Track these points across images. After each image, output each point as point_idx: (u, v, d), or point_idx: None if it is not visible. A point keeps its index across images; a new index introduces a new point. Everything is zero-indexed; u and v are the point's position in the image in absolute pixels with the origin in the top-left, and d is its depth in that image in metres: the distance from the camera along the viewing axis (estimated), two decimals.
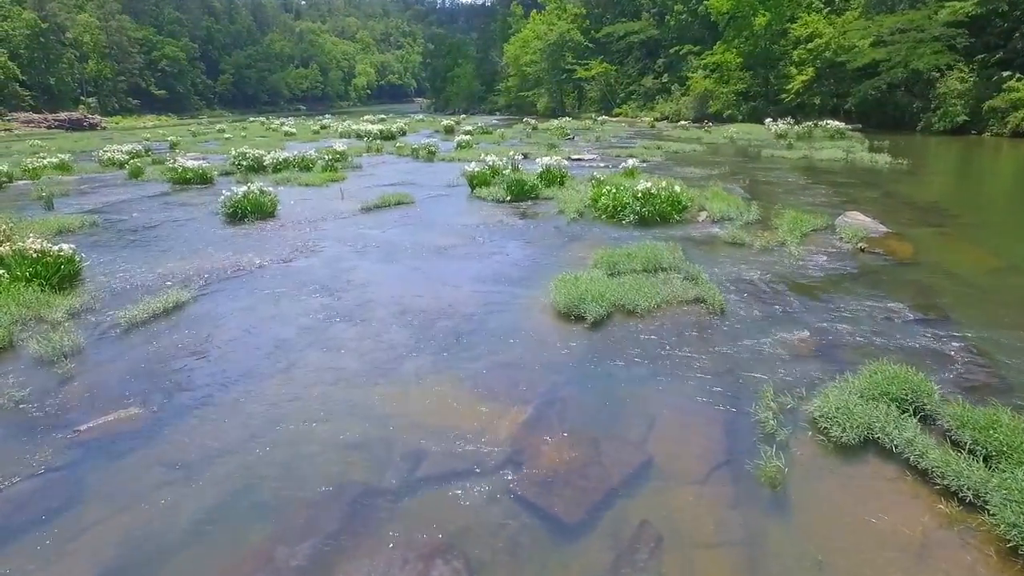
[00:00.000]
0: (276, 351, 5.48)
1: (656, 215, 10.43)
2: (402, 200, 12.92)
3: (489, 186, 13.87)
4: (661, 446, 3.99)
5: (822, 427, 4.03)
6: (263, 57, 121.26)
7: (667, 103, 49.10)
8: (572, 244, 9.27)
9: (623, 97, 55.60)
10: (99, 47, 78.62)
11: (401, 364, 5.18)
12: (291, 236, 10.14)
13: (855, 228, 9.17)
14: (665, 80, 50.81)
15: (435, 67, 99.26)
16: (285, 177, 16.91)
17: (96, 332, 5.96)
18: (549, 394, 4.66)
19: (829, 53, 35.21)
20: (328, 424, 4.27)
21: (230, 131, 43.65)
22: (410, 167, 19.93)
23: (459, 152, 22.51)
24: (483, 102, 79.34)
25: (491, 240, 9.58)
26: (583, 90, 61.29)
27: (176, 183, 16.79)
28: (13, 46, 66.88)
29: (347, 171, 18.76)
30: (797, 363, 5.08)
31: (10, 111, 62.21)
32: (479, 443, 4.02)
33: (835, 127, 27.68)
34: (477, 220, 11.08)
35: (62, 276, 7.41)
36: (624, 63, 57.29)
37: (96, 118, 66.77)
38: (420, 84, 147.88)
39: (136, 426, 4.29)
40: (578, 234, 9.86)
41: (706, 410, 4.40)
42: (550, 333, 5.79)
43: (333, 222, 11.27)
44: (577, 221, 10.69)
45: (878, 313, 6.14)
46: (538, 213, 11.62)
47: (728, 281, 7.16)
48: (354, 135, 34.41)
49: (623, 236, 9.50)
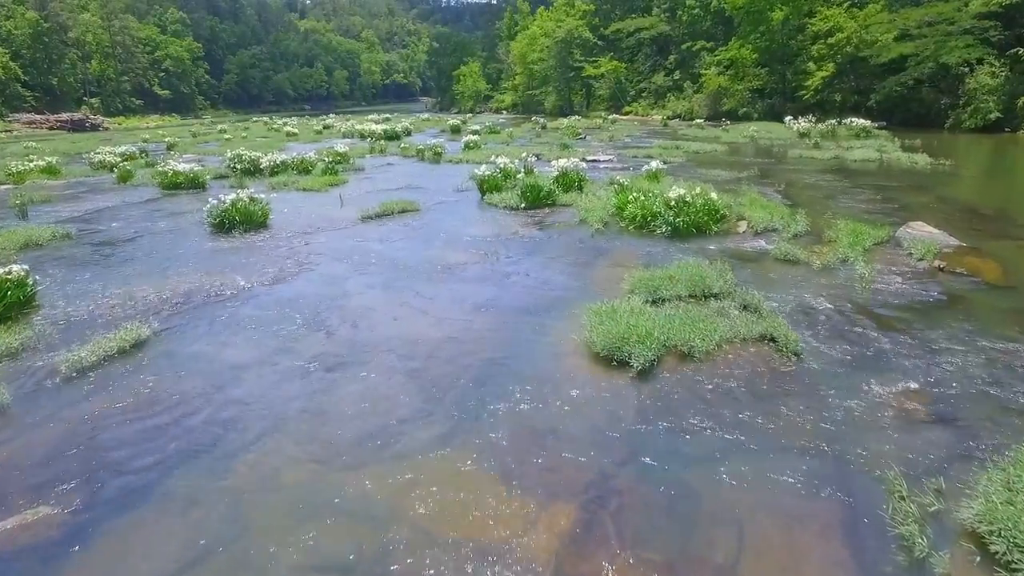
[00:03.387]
0: (246, 415, 4.36)
1: (691, 226, 9.27)
2: (406, 208, 11.81)
3: (501, 191, 12.75)
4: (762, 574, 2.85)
5: (995, 551, 2.87)
6: (268, 57, 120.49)
7: (679, 101, 47.74)
8: (600, 261, 8.12)
9: (633, 95, 54.24)
10: (102, 47, 77.85)
11: (403, 435, 4.06)
12: (282, 251, 9.05)
13: (924, 242, 7.98)
14: (677, 77, 49.44)
15: (440, 66, 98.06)
16: (282, 181, 15.84)
17: (30, 382, 4.86)
18: (598, 484, 3.52)
19: (850, 48, 33.80)
20: (304, 533, 3.14)
21: (231, 131, 42.70)
22: (416, 169, 18.83)
23: (467, 153, 21.39)
24: (489, 101, 78.12)
25: (507, 256, 8.44)
26: (592, 88, 59.93)
27: (166, 188, 15.75)
28: (15, 46, 66.13)
29: (349, 174, 17.68)
30: (913, 432, 3.93)
31: (12, 112, 61.42)
32: (507, 567, 2.89)
33: (860, 125, 26.35)
34: (490, 231, 9.95)
35: (8, 304, 6.33)
36: (634, 60, 55.93)
37: (98, 119, 66.03)
38: (425, 83, 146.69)
39: (43, 536, 3.18)
40: (605, 248, 8.72)
41: (814, 512, 3.25)
42: (588, 386, 4.64)
43: (330, 233, 10.17)
44: (602, 233, 9.54)
45: (992, 355, 4.96)
46: (557, 223, 10.48)
47: (793, 311, 6.00)
48: (358, 135, 33.33)
49: (656, 251, 8.34)
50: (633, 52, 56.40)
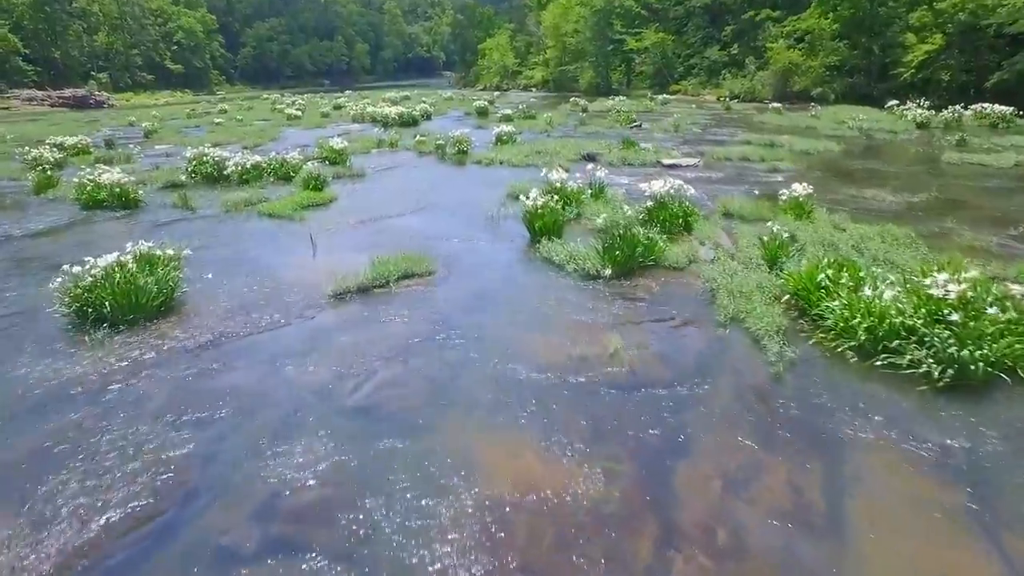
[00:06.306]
0: None
1: (992, 362, 4.43)
2: (412, 269, 7.09)
3: (561, 235, 8.02)
4: None
5: None
6: (286, 29, 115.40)
7: (737, 79, 41.80)
8: (854, 485, 3.36)
9: (682, 72, 48.29)
10: (110, 18, 73.65)
11: None
12: (154, 403, 4.45)
13: None
14: (735, 51, 43.35)
15: (465, 39, 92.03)
16: (245, 199, 11.21)
17: None
18: None
19: (964, 15, 27.79)
20: None
21: (233, 111, 38.36)
22: (432, 175, 14.09)
23: (500, 150, 16.52)
24: (517, 77, 72.20)
25: (638, 462, 3.70)
26: (633, 64, 54.09)
27: (86, 206, 11.28)
28: (15, 17, 62.26)
29: (341, 184, 13.05)
30: None
31: (11, 87, 57.77)
32: None
33: (998, 112, 20.80)
34: (564, 348, 5.19)
35: None
36: (683, 32, 49.75)
37: (103, 95, 62.09)
38: (449, 57, 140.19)
39: None
40: (819, 421, 3.94)
41: None
42: None
43: (269, 339, 5.54)
44: (791, 361, 4.76)
45: None
46: (681, 321, 5.71)
47: None
48: (369, 120, 28.58)
49: (949, 446, 3.55)
50: (682, 22, 50.28)
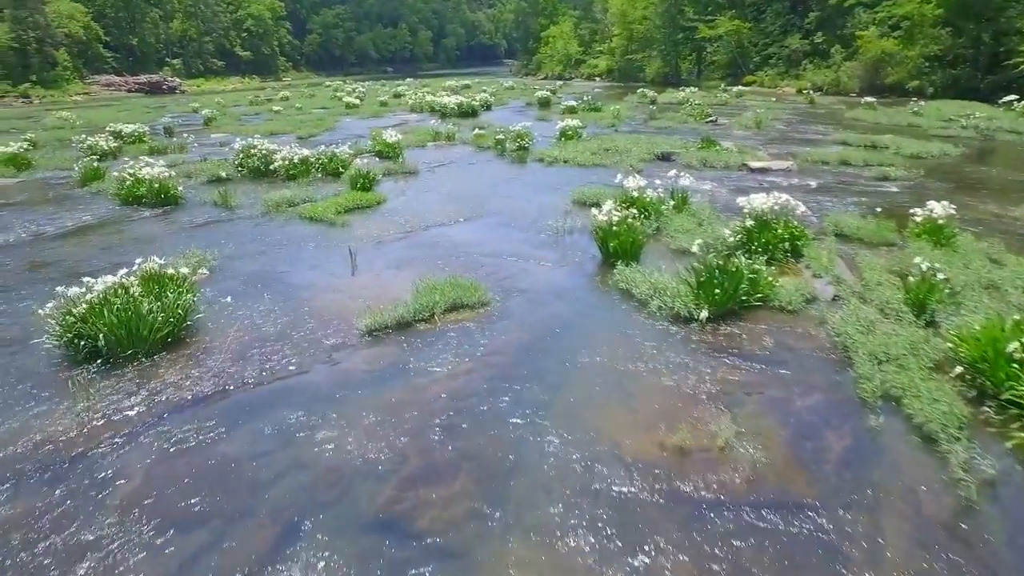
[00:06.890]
0: None
1: None
2: (462, 298, 5.90)
3: (639, 258, 6.69)
4: None
5: None
6: (351, 16, 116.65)
7: (820, 70, 38.60)
8: None
9: (758, 62, 45.21)
10: (184, 6, 75.92)
11: None
12: (121, 491, 3.45)
13: None
14: (819, 40, 40.02)
15: (528, 26, 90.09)
16: (289, 197, 10.35)
17: None
18: None
19: None
20: None
21: (294, 98, 38.37)
22: (490, 175, 12.90)
23: (563, 147, 15.15)
24: (580, 66, 69.93)
25: None
26: (704, 53, 51.19)
27: (125, 201, 10.71)
28: (98, 5, 64.83)
29: (393, 181, 12.07)
30: None
31: (93, 74, 60.28)
32: None
33: None
34: (655, 432, 3.87)
35: None
36: (760, 19, 46.48)
37: (175, 81, 64.13)
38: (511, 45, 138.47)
39: None
40: None
41: None
42: None
43: (276, 402, 4.48)
44: (987, 480, 3.30)
45: None
46: (810, 396, 4.30)
47: None
48: (427, 109, 27.67)
49: None
50: (759, 9, 46.98)
